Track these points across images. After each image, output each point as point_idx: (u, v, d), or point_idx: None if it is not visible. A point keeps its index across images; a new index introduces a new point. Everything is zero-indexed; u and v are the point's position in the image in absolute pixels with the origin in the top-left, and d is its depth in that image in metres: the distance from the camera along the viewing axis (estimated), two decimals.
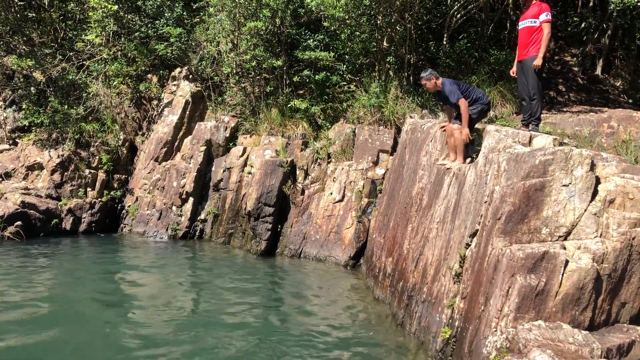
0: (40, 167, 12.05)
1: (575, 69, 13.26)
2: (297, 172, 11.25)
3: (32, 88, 12.72)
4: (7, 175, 11.82)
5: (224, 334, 6.49)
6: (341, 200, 10.56)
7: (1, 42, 13.15)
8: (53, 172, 11.90)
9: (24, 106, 12.54)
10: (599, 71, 12.98)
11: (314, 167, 11.20)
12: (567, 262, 4.65)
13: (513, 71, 7.78)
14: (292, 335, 6.56)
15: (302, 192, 11.00)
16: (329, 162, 11.15)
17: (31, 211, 11.08)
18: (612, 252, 4.78)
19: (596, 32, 12.96)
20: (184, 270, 9.45)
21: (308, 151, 11.34)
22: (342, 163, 10.91)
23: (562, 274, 4.64)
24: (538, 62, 7.04)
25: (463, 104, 6.91)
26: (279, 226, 11.02)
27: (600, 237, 4.93)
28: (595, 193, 5.05)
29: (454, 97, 6.98)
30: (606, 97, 12.15)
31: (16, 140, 12.61)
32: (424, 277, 6.66)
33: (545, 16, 7.06)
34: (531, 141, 6.20)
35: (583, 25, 12.71)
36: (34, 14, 13.20)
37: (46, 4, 13.51)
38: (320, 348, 6.21)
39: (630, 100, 11.97)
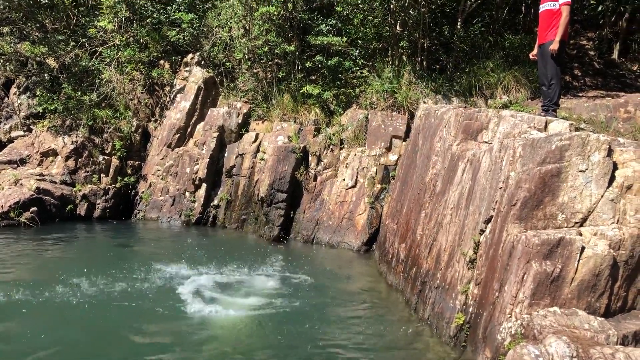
0: (55, 153, 12.13)
1: (592, 53, 13.07)
2: (310, 158, 11.23)
3: (45, 75, 12.78)
4: (22, 162, 11.93)
5: (239, 315, 6.54)
6: (354, 187, 10.54)
7: (14, 29, 13.20)
8: (67, 158, 11.98)
9: (37, 93, 12.60)
10: (615, 55, 12.78)
11: (326, 153, 11.17)
12: (583, 248, 4.61)
13: (533, 54, 7.65)
14: (304, 320, 6.59)
15: (315, 178, 10.99)
16: (341, 148, 11.12)
17: (46, 197, 11.18)
18: (629, 238, 4.72)
19: (613, 16, 12.73)
20: (199, 255, 9.50)
21: (320, 137, 11.30)
22: (354, 149, 10.87)
23: (578, 261, 4.60)
24: (554, 46, 6.93)
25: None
26: (292, 212, 11.04)
27: (617, 223, 4.88)
28: (612, 179, 4.98)
29: None
30: (623, 82, 11.97)
31: (30, 126, 12.71)
32: (437, 263, 6.65)
33: None
34: (547, 126, 6.12)
35: (600, 8, 12.48)
36: (46, 1, 13.21)
37: None
38: (333, 333, 6.24)
39: None
